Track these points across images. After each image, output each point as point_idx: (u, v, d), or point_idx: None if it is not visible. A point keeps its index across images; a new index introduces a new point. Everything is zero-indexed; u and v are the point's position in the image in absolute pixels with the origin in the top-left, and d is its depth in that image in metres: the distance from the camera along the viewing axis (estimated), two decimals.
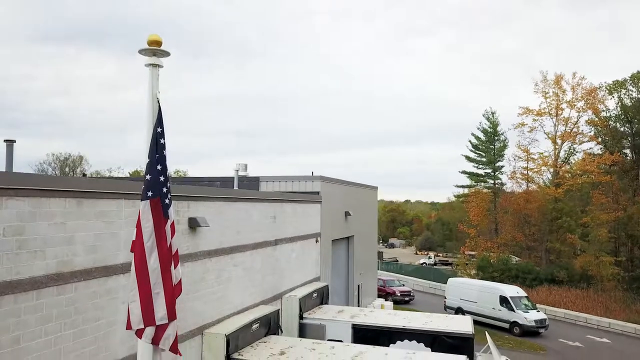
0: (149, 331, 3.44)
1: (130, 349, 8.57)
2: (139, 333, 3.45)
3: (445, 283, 35.57)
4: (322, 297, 17.45)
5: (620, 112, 52.58)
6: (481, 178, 61.15)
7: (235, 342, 11.16)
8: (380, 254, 60.01)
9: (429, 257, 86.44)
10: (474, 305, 30.24)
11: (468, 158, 61.39)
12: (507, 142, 59.39)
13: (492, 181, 60.46)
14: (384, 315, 16.54)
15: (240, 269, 12.72)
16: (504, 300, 29.07)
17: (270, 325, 13.04)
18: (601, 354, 24.38)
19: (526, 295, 30.68)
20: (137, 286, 3.37)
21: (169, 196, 3.39)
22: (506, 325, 28.25)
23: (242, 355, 11.20)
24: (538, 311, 29.20)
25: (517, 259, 50.41)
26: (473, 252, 55.91)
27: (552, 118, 53.92)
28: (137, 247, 3.37)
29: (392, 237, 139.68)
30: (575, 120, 53.35)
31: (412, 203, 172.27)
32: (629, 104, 51.60)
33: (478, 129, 61.53)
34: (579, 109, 52.84)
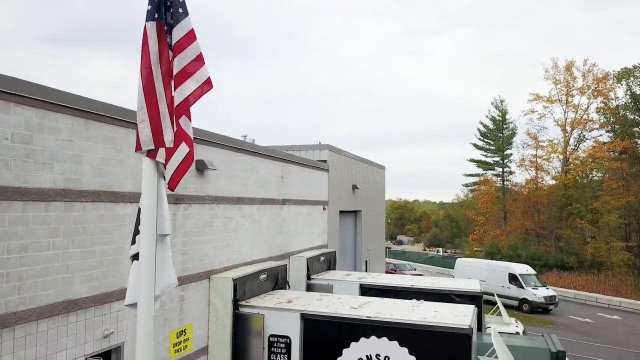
0: (162, 152, 3.41)
1: None
2: (151, 154, 3.40)
3: (453, 269, 35.36)
4: (329, 262, 17.42)
5: (629, 100, 51.99)
6: (490, 166, 60.72)
7: (242, 289, 11.15)
8: (388, 249, 59.78)
9: (437, 252, 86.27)
10: (482, 284, 29.98)
11: (476, 146, 61.06)
12: (516, 130, 59.00)
13: (500, 169, 60.03)
14: (391, 277, 16.52)
15: (247, 221, 12.73)
16: (513, 278, 28.88)
17: (278, 280, 13.01)
18: (611, 328, 24.16)
19: (535, 273, 30.45)
20: (146, 106, 3.33)
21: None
22: (515, 303, 28.02)
23: (249, 303, 11.20)
24: (547, 288, 29.00)
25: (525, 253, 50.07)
26: (480, 250, 55.46)
27: (562, 105, 53.52)
28: (144, 67, 3.33)
29: (401, 234, 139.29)
30: (586, 107, 52.90)
31: (420, 202, 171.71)
32: (638, 92, 50.99)
33: (486, 117, 61.21)
34: (589, 95, 52.35)
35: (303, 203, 16.76)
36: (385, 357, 9.97)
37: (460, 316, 10.37)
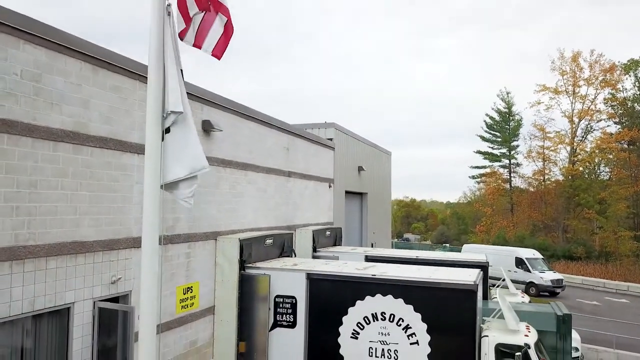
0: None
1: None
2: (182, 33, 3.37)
3: None
4: (335, 237, 17.44)
5: (637, 92, 51.60)
6: (496, 157, 60.42)
7: (248, 251, 11.19)
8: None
9: (444, 247, 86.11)
10: (489, 270, 29.88)
11: (483, 138, 60.75)
12: (522, 122, 58.69)
13: (507, 160, 59.71)
14: (397, 251, 16.54)
15: (253, 188, 12.80)
16: (520, 262, 28.82)
17: (284, 247, 13.06)
18: (618, 310, 24.08)
19: (542, 257, 30.36)
20: None
21: None
22: (522, 287, 27.90)
23: (255, 265, 11.25)
24: (554, 272, 28.91)
25: None
26: (487, 243, 55.20)
27: (569, 96, 53.22)
28: None
29: (407, 232, 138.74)
30: (593, 97, 52.57)
31: (427, 202, 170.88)
32: None
33: (492, 109, 60.92)
34: (596, 86, 52.04)
35: (309, 178, 16.81)
36: (391, 314, 10.00)
37: (465, 275, 10.39)
